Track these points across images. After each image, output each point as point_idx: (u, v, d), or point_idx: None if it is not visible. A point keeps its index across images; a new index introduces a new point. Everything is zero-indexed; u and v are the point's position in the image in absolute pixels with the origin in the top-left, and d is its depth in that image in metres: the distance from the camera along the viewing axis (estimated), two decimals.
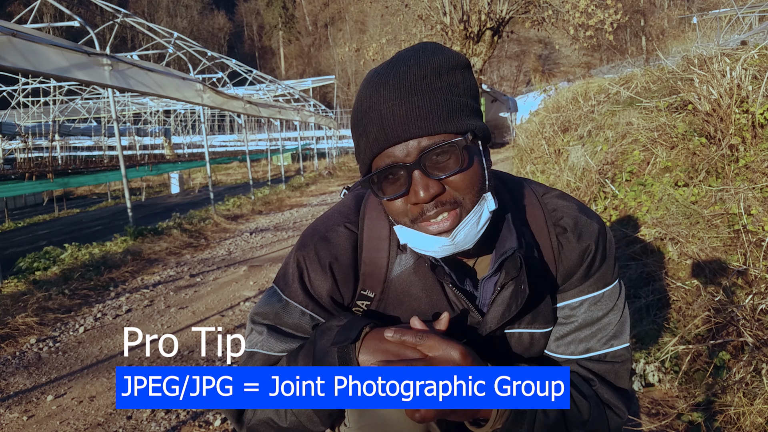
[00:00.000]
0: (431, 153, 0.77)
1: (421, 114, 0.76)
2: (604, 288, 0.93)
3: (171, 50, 9.82)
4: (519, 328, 0.92)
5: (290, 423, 0.87)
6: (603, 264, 0.92)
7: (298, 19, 74.40)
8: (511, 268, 0.85)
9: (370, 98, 0.80)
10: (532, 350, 0.94)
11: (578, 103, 7.14)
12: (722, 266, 2.95)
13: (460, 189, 0.79)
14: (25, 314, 4.29)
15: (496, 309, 0.87)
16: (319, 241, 0.93)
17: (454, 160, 0.78)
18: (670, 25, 34.70)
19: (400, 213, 0.82)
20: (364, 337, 0.82)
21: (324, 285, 0.92)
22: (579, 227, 0.92)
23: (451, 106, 0.78)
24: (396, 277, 0.92)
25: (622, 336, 0.93)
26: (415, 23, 15.09)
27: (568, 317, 0.93)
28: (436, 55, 0.80)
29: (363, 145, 0.82)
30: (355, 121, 0.84)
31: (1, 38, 5.04)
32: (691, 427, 2.14)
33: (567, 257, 0.91)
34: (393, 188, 0.81)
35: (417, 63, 0.79)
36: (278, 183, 16.20)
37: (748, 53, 4.07)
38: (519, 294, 0.85)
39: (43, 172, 12.01)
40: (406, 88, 0.77)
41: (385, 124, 0.77)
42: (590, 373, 0.92)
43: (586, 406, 0.86)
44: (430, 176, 0.78)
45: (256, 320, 0.96)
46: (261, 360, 0.94)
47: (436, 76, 0.79)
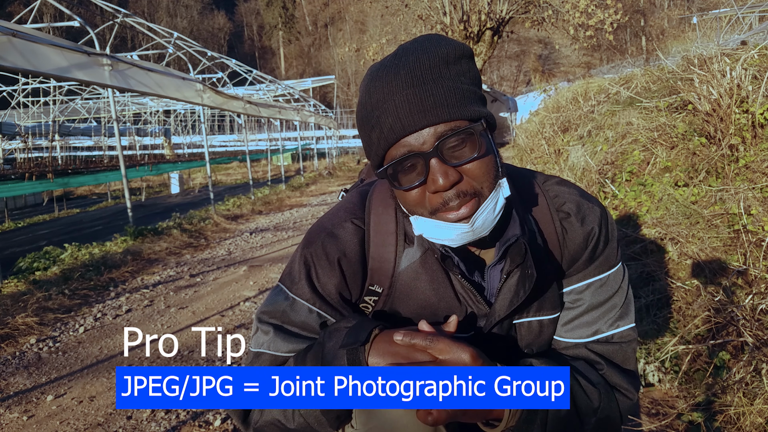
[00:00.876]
0: (448, 140, 0.77)
1: (436, 101, 0.76)
2: (609, 270, 0.93)
3: (171, 50, 9.82)
4: (527, 317, 0.92)
5: (297, 424, 0.86)
6: (607, 247, 0.93)
7: (298, 19, 74.40)
8: (515, 255, 0.85)
9: (381, 89, 0.79)
10: (542, 337, 0.94)
11: (578, 103, 7.14)
12: (722, 266, 2.95)
13: (478, 176, 0.79)
14: (25, 314, 4.29)
15: (503, 297, 0.87)
16: (326, 237, 0.92)
17: (471, 147, 0.78)
18: (670, 25, 34.69)
19: (418, 203, 0.82)
20: (374, 339, 0.81)
21: (332, 281, 0.91)
22: (582, 211, 0.92)
23: (463, 93, 0.78)
24: (403, 271, 0.92)
25: (628, 316, 0.94)
26: (415, 23, 15.09)
27: (575, 301, 0.94)
28: (442, 45, 0.80)
29: (376, 137, 0.81)
30: (365, 114, 0.83)
31: (1, 38, 5.04)
32: (691, 427, 2.14)
33: (572, 241, 0.92)
34: (410, 178, 0.80)
35: (425, 53, 0.79)
36: (278, 183, 16.20)
37: (748, 53, 4.07)
38: (526, 279, 0.85)
39: (43, 172, 12.02)
40: (418, 77, 0.77)
41: (401, 113, 0.77)
42: (598, 356, 0.92)
43: (596, 394, 0.86)
44: (448, 163, 0.77)
45: (262, 319, 0.95)
46: (268, 361, 0.93)
47: (444, 65, 0.78)
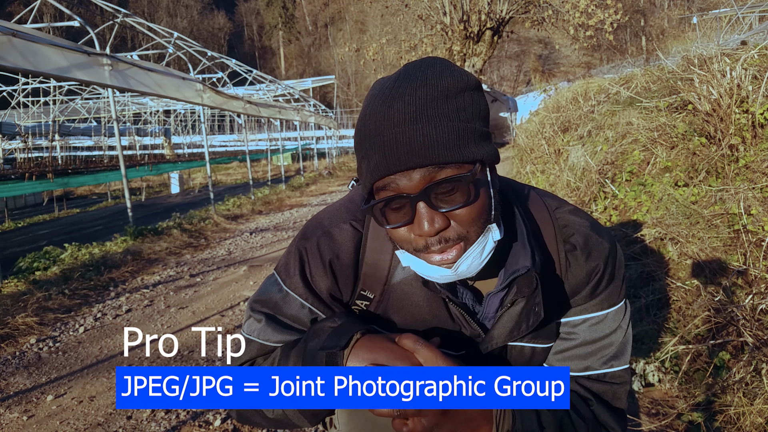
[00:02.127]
0: (437, 187, 0.74)
1: (426, 142, 0.72)
2: (609, 309, 0.91)
3: (171, 50, 9.82)
4: (521, 342, 0.91)
5: (276, 415, 0.87)
6: (610, 285, 0.91)
7: (298, 19, 74.40)
8: (524, 287, 0.83)
9: (374, 121, 0.76)
10: (532, 363, 0.94)
11: (578, 103, 7.14)
12: (722, 266, 2.95)
13: (465, 222, 0.77)
14: (25, 314, 4.29)
15: (503, 325, 0.86)
16: (322, 235, 0.93)
17: (461, 194, 0.75)
18: (670, 25, 34.69)
19: (404, 240, 0.80)
20: (354, 344, 0.81)
21: (324, 281, 0.92)
22: (589, 246, 0.90)
23: (459, 133, 0.74)
24: (398, 283, 0.91)
25: (623, 357, 0.92)
26: (415, 23, 15.10)
27: (570, 334, 0.92)
28: (444, 75, 0.76)
29: (365, 169, 0.78)
30: (358, 141, 0.80)
31: (1, 38, 5.04)
32: (691, 427, 2.14)
33: (574, 275, 0.90)
34: (396, 217, 0.78)
35: (424, 84, 0.75)
36: (278, 183, 16.20)
37: (748, 53, 4.07)
38: (532, 315, 0.83)
39: (43, 172, 12.01)
40: (410, 113, 0.73)
41: (387, 151, 0.73)
42: (587, 392, 0.92)
43: (584, 429, 0.87)
44: (436, 209, 0.75)
45: (255, 308, 0.96)
46: (256, 348, 0.94)
47: (443, 99, 0.74)
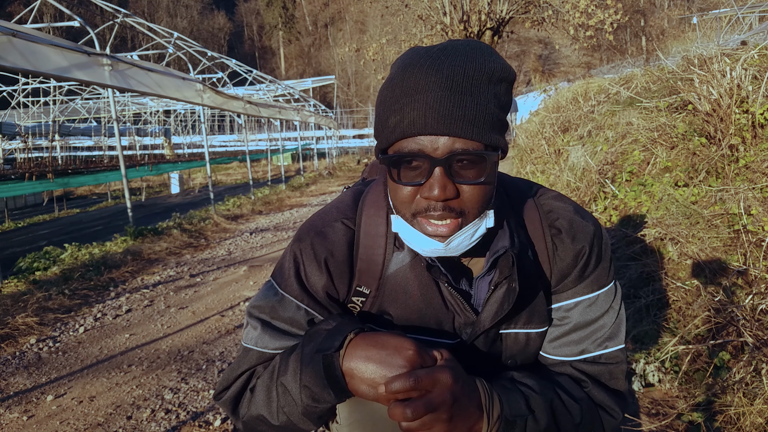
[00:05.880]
0: (461, 157, 0.75)
1: (466, 116, 0.74)
2: (599, 290, 0.93)
3: (171, 50, 9.82)
4: (515, 329, 0.92)
5: (281, 422, 0.88)
6: (598, 266, 0.93)
7: (298, 19, 74.40)
8: (504, 267, 0.86)
9: (417, 78, 0.75)
10: (528, 350, 0.95)
11: (578, 103, 7.14)
12: (722, 266, 2.95)
13: (470, 200, 0.79)
14: (25, 314, 4.29)
15: (489, 308, 0.88)
16: (315, 236, 0.94)
17: (477, 171, 0.77)
18: (670, 25, 34.68)
19: (406, 201, 0.81)
20: (349, 344, 0.81)
21: (319, 280, 0.92)
22: (574, 229, 0.92)
23: (493, 117, 0.76)
24: (392, 274, 0.92)
25: (617, 338, 0.94)
26: (415, 23, 15.10)
27: (563, 319, 0.94)
28: (491, 60, 0.77)
29: (393, 123, 0.78)
30: (391, 95, 0.79)
31: (1, 38, 5.04)
32: (691, 427, 2.14)
33: (561, 259, 0.92)
34: (410, 175, 0.79)
35: (473, 61, 0.75)
36: (278, 183, 16.20)
37: (748, 53, 4.07)
38: (510, 292, 0.85)
39: (43, 172, 12.01)
40: (458, 83, 0.74)
41: (428, 112, 0.74)
42: (583, 375, 0.93)
43: (577, 409, 0.88)
44: (452, 178, 0.76)
45: (252, 314, 0.97)
46: (255, 357, 0.95)
47: (486, 82, 0.76)
